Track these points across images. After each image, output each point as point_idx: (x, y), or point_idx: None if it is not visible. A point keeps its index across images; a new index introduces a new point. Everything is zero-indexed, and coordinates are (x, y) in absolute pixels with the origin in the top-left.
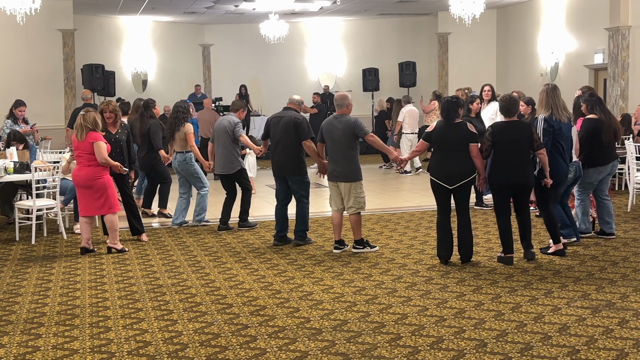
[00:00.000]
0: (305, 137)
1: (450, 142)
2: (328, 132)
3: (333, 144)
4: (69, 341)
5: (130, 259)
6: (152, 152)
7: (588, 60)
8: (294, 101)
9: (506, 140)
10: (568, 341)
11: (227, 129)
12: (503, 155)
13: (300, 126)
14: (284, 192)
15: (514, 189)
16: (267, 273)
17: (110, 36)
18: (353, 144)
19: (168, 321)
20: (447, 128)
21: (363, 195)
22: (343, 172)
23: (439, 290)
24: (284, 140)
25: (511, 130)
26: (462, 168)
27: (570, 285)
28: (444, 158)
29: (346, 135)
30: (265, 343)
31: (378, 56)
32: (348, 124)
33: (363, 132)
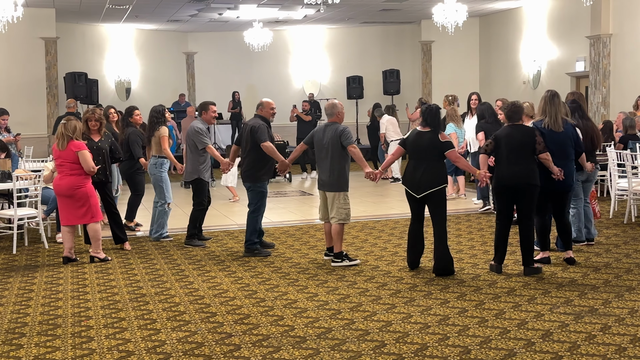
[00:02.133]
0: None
1: (420, 150)
2: (318, 141)
3: (320, 152)
4: (51, 351)
5: (113, 268)
6: (131, 161)
7: (570, 68)
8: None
9: (509, 144)
10: (551, 347)
11: (189, 135)
12: (506, 158)
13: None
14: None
15: (515, 193)
16: (251, 281)
17: (93, 44)
18: (341, 152)
19: (151, 330)
20: (419, 136)
21: (347, 207)
22: (328, 181)
23: (423, 297)
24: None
25: (515, 134)
26: (429, 177)
27: (553, 292)
28: (413, 166)
29: (333, 144)
30: (249, 352)
31: (362, 64)
32: (335, 132)
33: (347, 141)
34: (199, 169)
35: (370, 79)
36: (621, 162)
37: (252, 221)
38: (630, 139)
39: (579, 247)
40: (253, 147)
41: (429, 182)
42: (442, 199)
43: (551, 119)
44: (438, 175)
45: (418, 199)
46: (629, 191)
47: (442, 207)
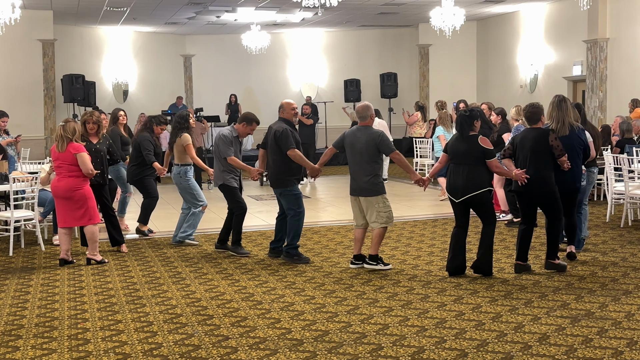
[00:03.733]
0: (287, 148)
1: (458, 155)
2: (350, 145)
3: (354, 157)
4: (48, 353)
5: (110, 270)
6: (140, 166)
7: (567, 72)
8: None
9: (526, 148)
10: (548, 350)
11: (216, 142)
12: (523, 162)
13: (281, 138)
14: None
15: (534, 197)
16: (249, 284)
17: (91, 46)
18: (375, 157)
19: (148, 333)
20: (458, 141)
21: (388, 209)
22: (363, 186)
23: (420, 300)
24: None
25: (531, 137)
26: (467, 182)
27: (549, 295)
28: (452, 171)
29: (369, 149)
30: (246, 354)
31: (359, 67)
32: (372, 138)
33: (389, 149)
34: (222, 174)
35: (368, 82)
36: (618, 166)
37: (294, 225)
38: (627, 143)
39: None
40: (278, 152)
41: (467, 187)
42: (484, 202)
43: (558, 124)
44: (477, 179)
45: (458, 203)
46: (626, 195)
47: (487, 210)
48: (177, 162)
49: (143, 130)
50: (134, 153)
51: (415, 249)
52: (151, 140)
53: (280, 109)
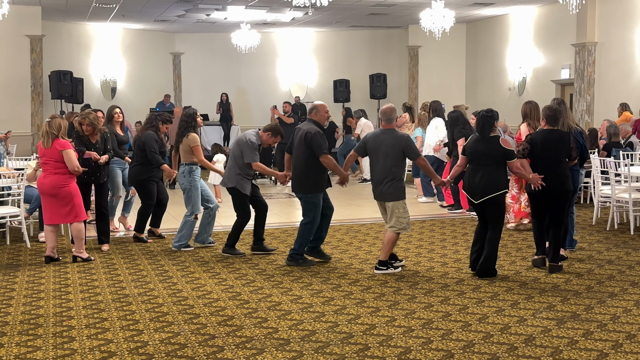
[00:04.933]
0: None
1: (478, 156)
2: (374, 148)
3: (378, 160)
4: (32, 351)
5: (96, 268)
6: (145, 166)
7: (555, 75)
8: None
9: (543, 148)
10: (534, 352)
11: (238, 143)
12: (539, 162)
13: (313, 140)
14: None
15: (548, 196)
16: (236, 283)
17: (79, 43)
18: (400, 162)
19: (134, 331)
20: (479, 142)
21: (407, 215)
22: (387, 190)
23: (407, 301)
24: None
25: (549, 138)
26: (487, 183)
27: (536, 297)
28: (471, 172)
29: (395, 153)
30: (233, 353)
31: (349, 68)
32: (399, 142)
33: (415, 154)
34: (236, 177)
35: (357, 83)
36: (605, 169)
37: (304, 232)
38: (614, 146)
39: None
40: (306, 155)
41: (486, 188)
42: (500, 204)
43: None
44: (496, 180)
45: (477, 204)
46: (612, 198)
47: (497, 212)
48: (183, 161)
49: (148, 128)
50: (138, 152)
51: (402, 250)
52: (157, 139)
53: (313, 111)
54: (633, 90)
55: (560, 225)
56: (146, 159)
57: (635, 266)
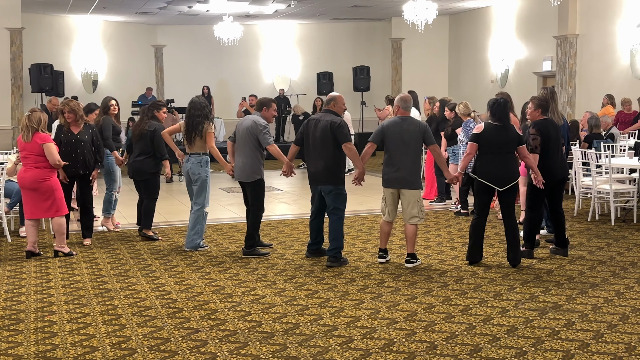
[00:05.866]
0: (347, 140)
1: (500, 144)
2: (396, 135)
3: (398, 148)
4: (14, 346)
5: (78, 263)
6: (153, 159)
7: (537, 68)
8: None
9: (550, 138)
10: (516, 342)
11: (250, 131)
12: (550, 152)
13: (339, 129)
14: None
15: (556, 184)
16: (219, 276)
17: (60, 35)
18: (420, 148)
19: (116, 326)
20: (498, 130)
21: (424, 205)
22: (409, 178)
23: (390, 293)
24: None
25: (553, 127)
26: (512, 170)
27: (518, 288)
28: (493, 160)
29: (416, 140)
30: (216, 347)
31: (332, 60)
32: (419, 129)
33: (431, 140)
34: (260, 168)
35: (341, 76)
36: (586, 160)
37: (339, 226)
38: (595, 138)
39: (543, 244)
40: (334, 146)
41: (512, 175)
42: (516, 190)
43: (554, 114)
44: (515, 167)
45: (489, 193)
46: (593, 189)
47: (513, 199)
48: (198, 150)
49: (148, 120)
50: (146, 144)
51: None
52: (164, 128)
53: (332, 102)
54: (614, 82)
55: (561, 210)
56: (154, 152)
57: (616, 257)
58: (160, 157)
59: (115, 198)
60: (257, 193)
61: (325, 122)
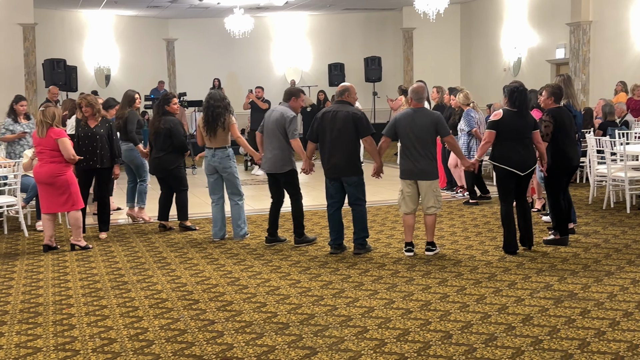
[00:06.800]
0: (369, 132)
1: (521, 130)
2: (408, 127)
3: (411, 140)
4: (33, 339)
5: (95, 256)
6: (172, 154)
7: (550, 55)
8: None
9: (565, 124)
10: (531, 331)
11: (278, 122)
12: (566, 138)
13: (361, 121)
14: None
15: (572, 170)
16: (234, 268)
17: (72, 30)
18: (434, 139)
19: (133, 318)
20: (516, 116)
21: (441, 194)
22: (425, 169)
23: (405, 283)
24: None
25: (566, 114)
26: (532, 155)
27: (533, 277)
28: (515, 146)
29: (430, 131)
30: (232, 338)
31: (344, 51)
32: (433, 119)
33: (446, 131)
34: (291, 159)
35: (352, 66)
36: (600, 148)
37: (363, 214)
38: (609, 125)
39: None
40: (354, 137)
41: (533, 159)
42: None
43: (575, 99)
44: (534, 152)
45: (520, 177)
46: (608, 177)
47: (528, 183)
48: (222, 144)
49: (163, 114)
50: (163, 140)
51: (400, 232)
52: (180, 123)
53: (345, 92)
54: (628, 68)
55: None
56: (174, 147)
57: (632, 244)
58: (183, 151)
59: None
60: (292, 183)
61: (344, 113)
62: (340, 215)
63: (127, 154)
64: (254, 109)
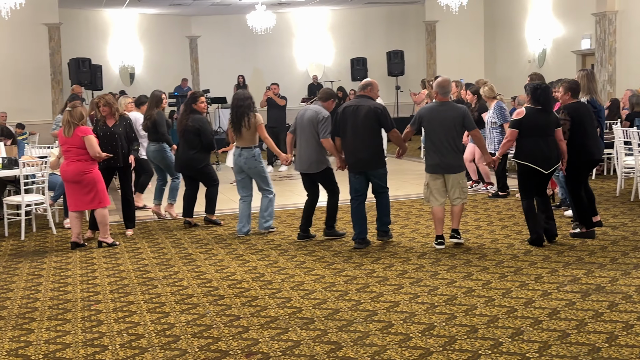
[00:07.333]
0: (392, 127)
1: (544, 128)
2: (437, 121)
3: (438, 134)
4: (62, 335)
5: (121, 253)
6: (201, 153)
7: (575, 46)
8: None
9: (584, 119)
10: (558, 325)
11: (312, 121)
12: (587, 131)
13: (383, 116)
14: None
15: (593, 163)
16: (259, 264)
17: (97, 29)
18: (461, 133)
19: (160, 314)
20: (539, 114)
21: (467, 185)
22: (452, 163)
23: (429, 277)
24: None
25: (585, 109)
26: (556, 152)
27: (560, 270)
28: (539, 143)
29: (457, 125)
30: (258, 333)
31: (366, 45)
32: (460, 114)
33: (472, 125)
34: (325, 158)
35: (375, 61)
36: (628, 139)
37: (388, 201)
38: (636, 116)
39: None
40: (376, 131)
41: (557, 157)
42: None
43: (596, 95)
44: (559, 149)
45: (544, 175)
46: (636, 169)
47: (549, 179)
48: (248, 144)
49: (190, 113)
50: (192, 138)
51: (424, 227)
52: (208, 121)
53: (368, 87)
54: None
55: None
56: (202, 145)
57: None
58: (213, 148)
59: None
60: (329, 180)
61: (367, 107)
62: (364, 209)
63: (155, 154)
64: (271, 106)
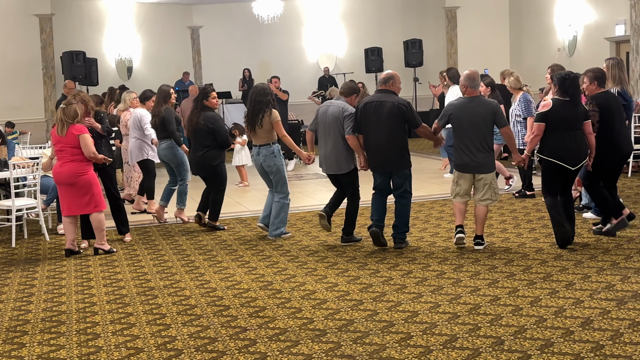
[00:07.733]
0: (419, 123)
1: (572, 122)
2: (465, 118)
3: (467, 131)
4: (56, 349)
5: (119, 260)
6: (215, 150)
7: (609, 32)
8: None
9: (612, 110)
10: (592, 336)
11: (337, 118)
12: (615, 124)
13: (409, 112)
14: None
15: (623, 158)
16: (266, 271)
17: (91, 20)
18: (492, 130)
19: (161, 325)
20: (570, 107)
21: (498, 186)
22: (483, 162)
23: (451, 285)
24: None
25: (613, 99)
26: (584, 148)
27: (593, 276)
28: (566, 138)
29: (487, 122)
30: (266, 346)
31: (381, 34)
32: (491, 109)
33: (503, 121)
34: (352, 158)
35: (391, 50)
36: None
37: (408, 206)
38: None
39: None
40: (402, 129)
41: (584, 153)
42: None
43: (626, 85)
44: (585, 144)
45: (570, 171)
46: None
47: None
48: (266, 141)
49: (201, 110)
50: (206, 136)
51: (445, 230)
52: (221, 118)
53: (390, 81)
54: None
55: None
56: (216, 143)
57: None
58: (225, 147)
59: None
60: (352, 183)
61: (390, 103)
62: (385, 202)
63: (165, 152)
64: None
